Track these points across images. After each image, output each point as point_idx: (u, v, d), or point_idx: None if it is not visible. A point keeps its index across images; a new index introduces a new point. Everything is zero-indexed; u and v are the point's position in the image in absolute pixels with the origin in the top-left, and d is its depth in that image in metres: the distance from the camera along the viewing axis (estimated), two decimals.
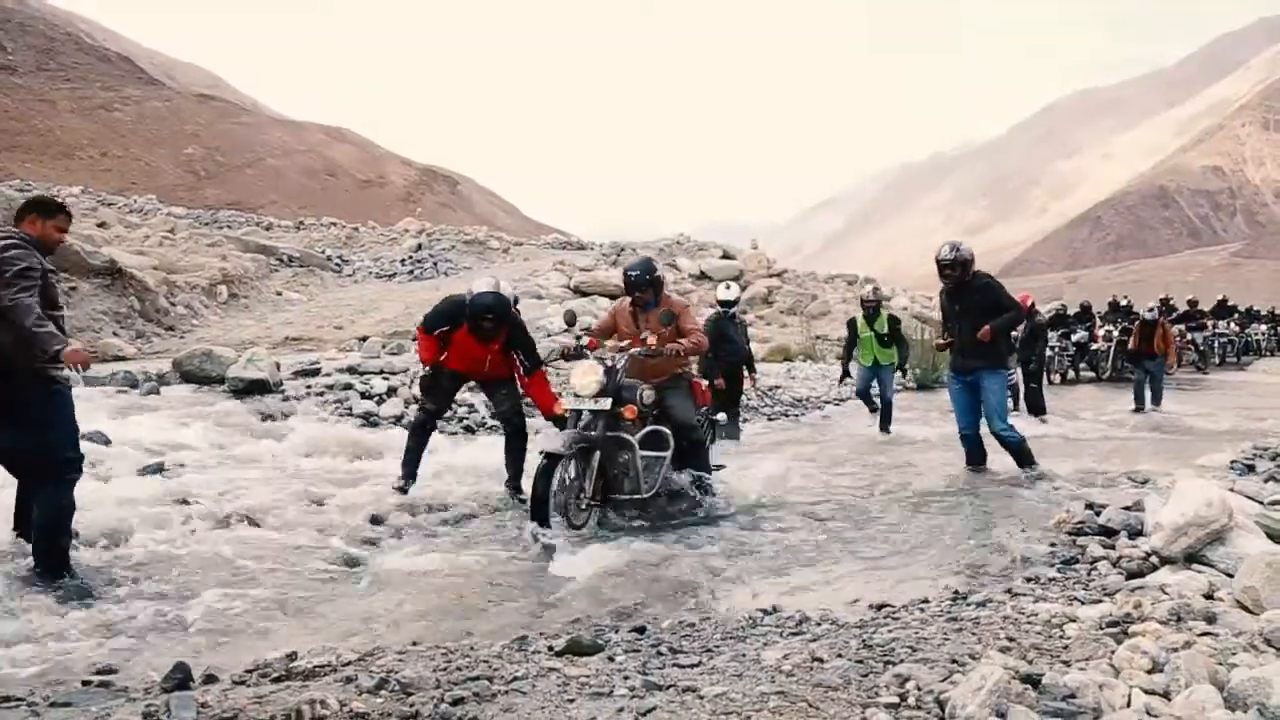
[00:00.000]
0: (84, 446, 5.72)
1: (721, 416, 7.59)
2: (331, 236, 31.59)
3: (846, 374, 11.60)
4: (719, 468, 6.84)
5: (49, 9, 76.90)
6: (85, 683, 3.15)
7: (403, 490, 6.33)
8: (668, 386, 6.27)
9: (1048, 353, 15.34)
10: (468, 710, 2.49)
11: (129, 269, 16.26)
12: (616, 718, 2.45)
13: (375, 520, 5.77)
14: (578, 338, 6.38)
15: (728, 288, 10.60)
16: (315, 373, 11.04)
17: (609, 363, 5.84)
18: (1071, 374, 18.81)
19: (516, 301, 7.03)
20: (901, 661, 2.88)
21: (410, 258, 28.17)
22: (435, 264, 27.46)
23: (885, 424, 10.92)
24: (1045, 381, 13.53)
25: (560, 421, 6.22)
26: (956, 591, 3.96)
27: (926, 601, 3.82)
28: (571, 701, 2.59)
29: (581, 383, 5.74)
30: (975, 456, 7.59)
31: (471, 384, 7.19)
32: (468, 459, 7.71)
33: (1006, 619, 3.35)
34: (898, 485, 7.18)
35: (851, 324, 11.31)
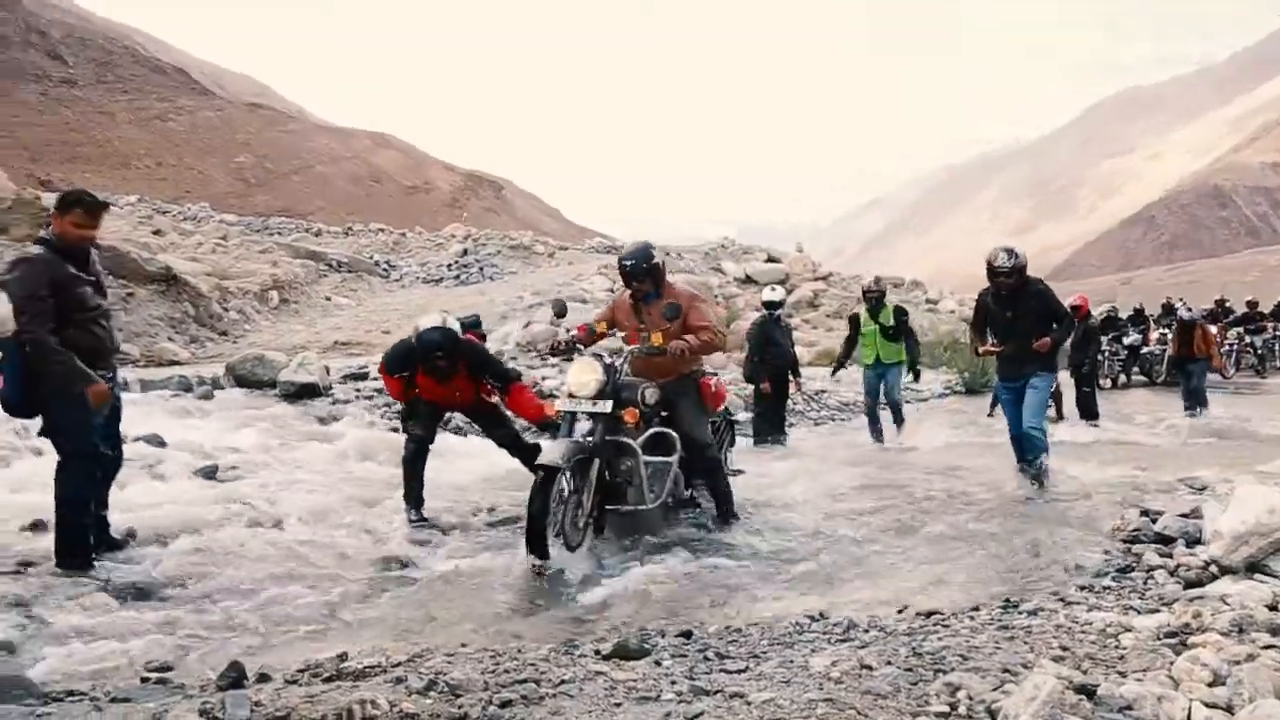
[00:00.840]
0: (141, 449, 5.91)
1: (741, 416, 7.14)
2: (379, 242, 31.97)
3: (841, 365, 10.66)
4: (737, 473, 6.41)
5: (108, 24, 78.91)
6: (144, 679, 3.22)
7: (421, 521, 5.88)
8: (674, 388, 5.62)
9: (1099, 356, 15.04)
10: (515, 713, 2.50)
11: (183, 275, 16.60)
12: None
13: (424, 523, 5.83)
14: (568, 330, 5.83)
15: (773, 290, 10.56)
16: (364, 377, 11.19)
17: (608, 359, 5.27)
18: (1124, 378, 18.42)
19: (478, 324, 6.56)
20: (952, 670, 2.84)
21: (456, 263, 28.41)
22: (481, 269, 27.67)
23: (896, 423, 10.16)
24: (1097, 385, 13.26)
25: (552, 426, 5.71)
26: (1007, 599, 3.90)
27: (977, 609, 3.76)
28: (618, 706, 2.60)
29: (579, 381, 5.16)
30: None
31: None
32: (515, 462, 7.76)
33: (1059, 628, 3.29)
34: (944, 490, 7.08)
35: (854, 319, 10.38)
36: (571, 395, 5.17)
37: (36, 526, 5.11)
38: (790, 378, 10.21)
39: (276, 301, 19.95)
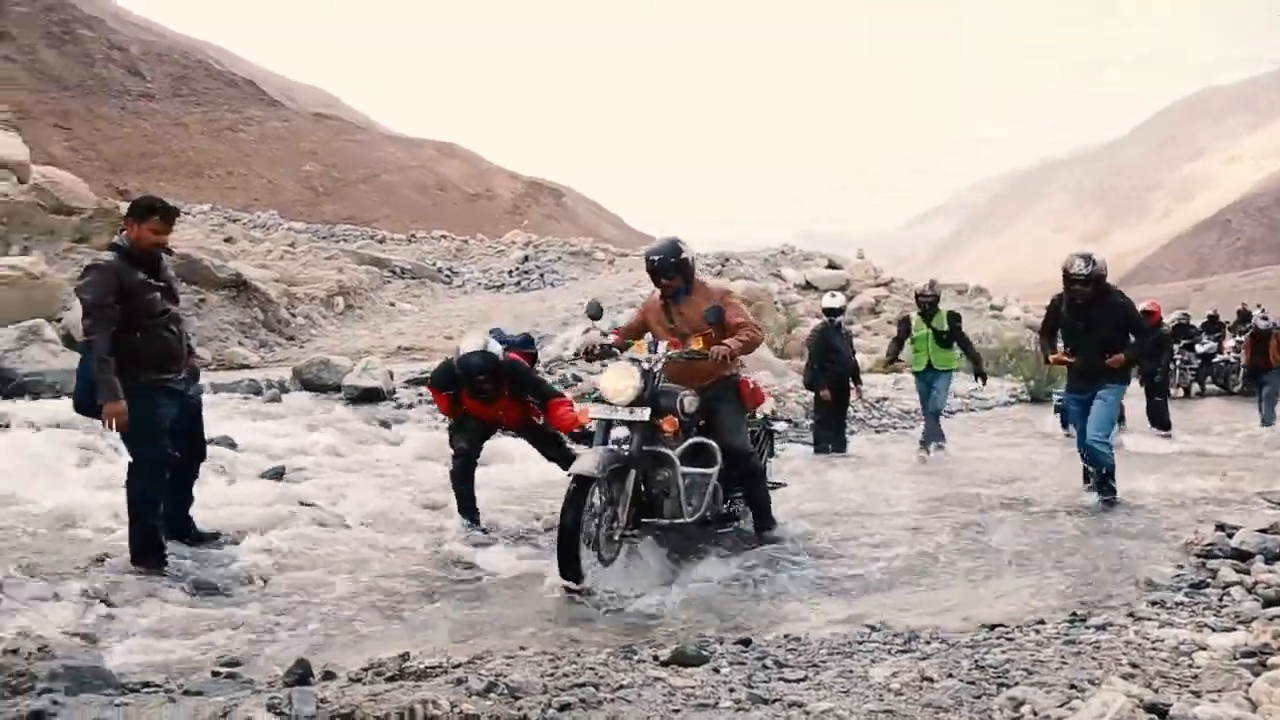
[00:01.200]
0: (213, 450, 6.07)
1: (780, 426, 6.64)
2: (442, 249, 32.44)
3: (892, 361, 10.34)
4: (777, 485, 6.05)
5: (184, 39, 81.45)
6: (214, 673, 3.31)
7: (479, 529, 5.86)
8: (713, 393, 5.28)
9: (1171, 365, 14.61)
10: (574, 716, 2.52)
11: (253, 282, 17.06)
12: None
13: (486, 526, 5.89)
14: (604, 333, 5.45)
15: (833, 297, 10.48)
16: (426, 381, 11.35)
17: (645, 365, 4.95)
18: (1197, 387, 17.87)
19: (528, 344, 6.37)
20: (1016, 684, 2.79)
21: (517, 269, 28.70)
22: (542, 275, 27.92)
23: (928, 439, 9.67)
24: (1169, 395, 12.88)
25: (585, 436, 5.41)
26: (1074, 613, 3.81)
27: (1042, 622, 3.69)
28: (677, 712, 2.60)
29: (615, 388, 4.87)
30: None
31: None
32: None
33: (1129, 644, 3.21)
34: (1006, 500, 6.94)
35: (904, 321, 10.05)
36: (607, 402, 4.92)
37: (114, 524, 5.29)
38: (851, 385, 10.11)
39: (342, 307, 20.37)
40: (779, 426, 6.42)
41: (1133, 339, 6.71)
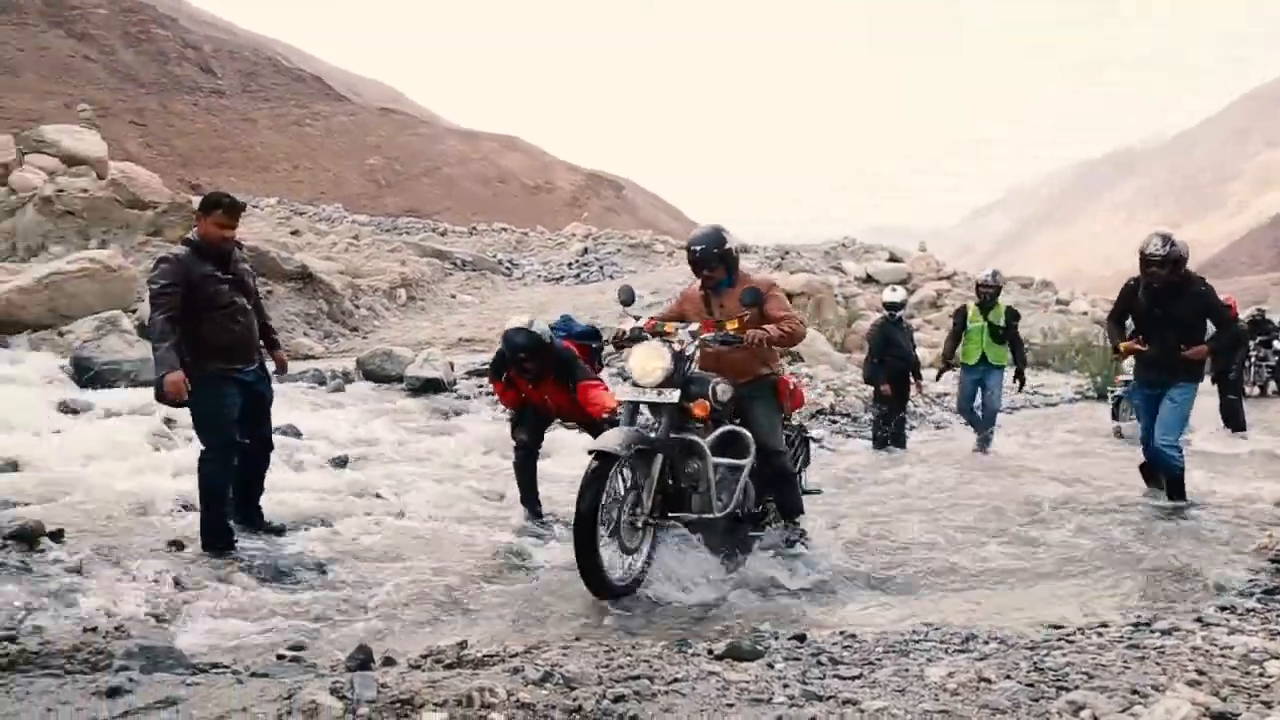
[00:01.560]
0: (278, 439, 6.22)
1: (818, 433, 6.14)
2: (502, 241, 32.73)
3: (948, 368, 10.02)
4: (813, 492, 5.72)
5: (254, 36, 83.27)
6: (279, 656, 3.41)
7: (540, 520, 5.92)
8: (749, 390, 4.99)
9: (1245, 362, 14.12)
10: (628, 708, 2.54)
11: (318, 274, 17.40)
12: None
13: (547, 518, 5.95)
14: (635, 318, 5.11)
15: (894, 290, 10.34)
16: (486, 373, 11.50)
17: (678, 346, 4.66)
18: (1274, 385, 17.25)
19: (590, 335, 6.24)
20: (1076, 688, 2.73)
21: (577, 261, 28.84)
22: (601, 267, 28.01)
23: (984, 438, 9.55)
24: (1243, 393, 12.47)
25: (612, 422, 5.09)
26: (1139, 616, 3.73)
27: (1105, 625, 3.61)
28: (730, 706, 2.60)
29: (643, 369, 4.58)
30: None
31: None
32: None
33: (1196, 650, 3.12)
34: (1069, 499, 6.79)
35: (960, 313, 9.73)
36: (634, 384, 4.61)
37: (185, 509, 5.47)
38: (911, 380, 10.00)
39: (404, 299, 20.68)
40: (816, 433, 6.10)
41: (1214, 331, 6.31)
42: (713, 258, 4.99)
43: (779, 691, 2.73)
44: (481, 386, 10.69)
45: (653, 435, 4.49)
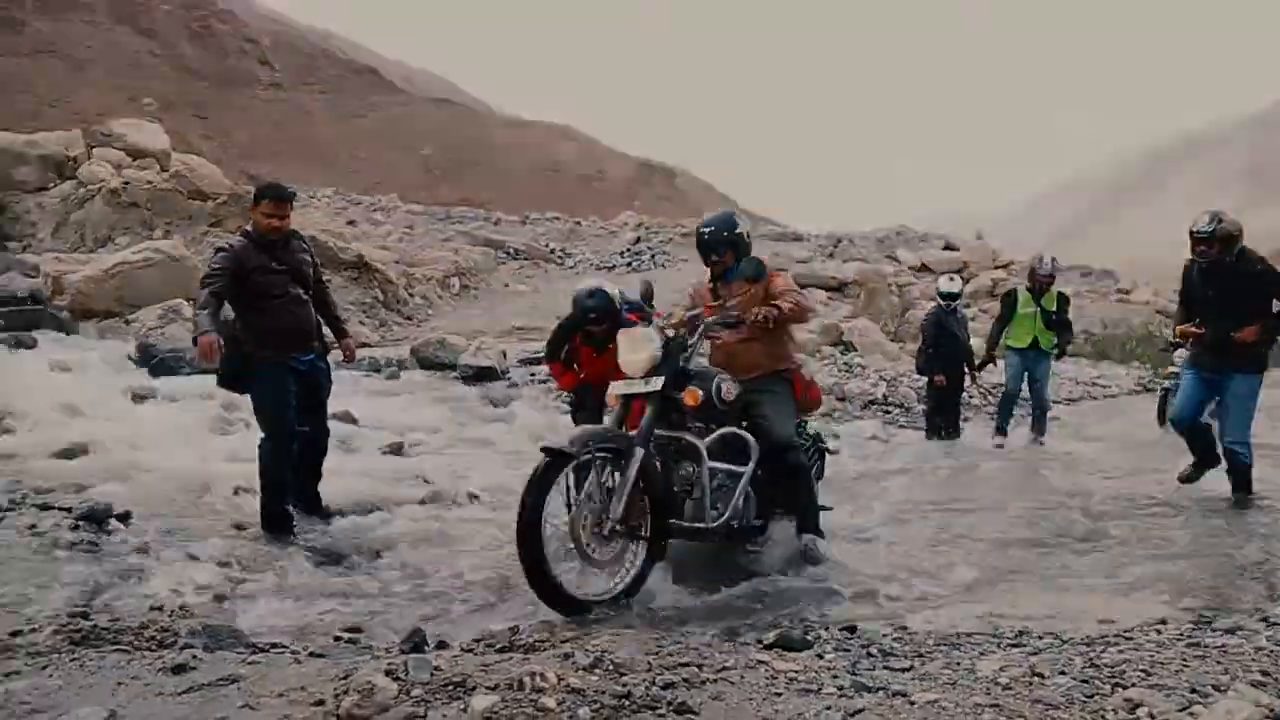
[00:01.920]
0: (335, 426, 6.34)
1: (833, 444, 5.48)
2: (554, 230, 32.84)
3: (991, 360, 9.48)
4: (823, 509, 4.96)
5: (310, 29, 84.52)
6: (336, 638, 3.49)
7: None
8: (760, 384, 4.51)
9: None
10: (677, 695, 2.55)
11: (374, 263, 17.66)
12: (824, 715, 2.44)
13: None
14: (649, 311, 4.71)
15: (950, 280, 10.22)
16: (539, 361, 11.58)
17: (671, 332, 4.26)
18: None
19: (642, 305, 5.66)
20: (1132, 685, 2.68)
21: (629, 250, 28.83)
22: (653, 256, 27.96)
23: (1038, 427, 9.34)
24: None
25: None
26: (1200, 614, 3.64)
27: (1164, 623, 3.53)
28: (779, 696, 2.60)
29: (629, 359, 4.17)
30: (1200, 451, 6.22)
31: None
32: None
33: (1260, 650, 3.04)
34: (1126, 494, 6.62)
35: (1010, 297, 9.30)
36: (628, 377, 4.21)
37: (246, 493, 5.61)
38: (966, 371, 9.87)
39: (458, 288, 20.89)
40: (833, 445, 5.54)
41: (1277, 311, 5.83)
42: (721, 242, 4.67)
43: (828, 682, 2.72)
44: (534, 375, 10.78)
45: (629, 432, 4.02)
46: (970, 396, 11.19)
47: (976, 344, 10.49)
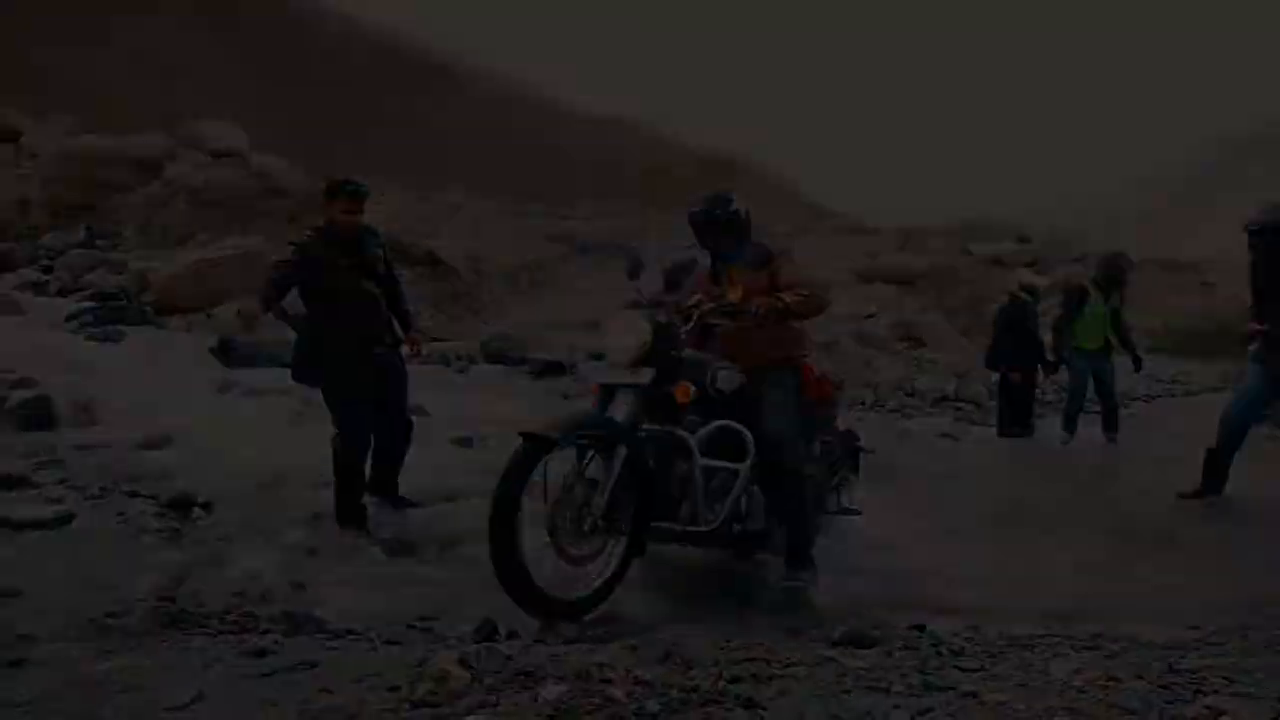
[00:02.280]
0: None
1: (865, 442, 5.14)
2: (621, 225, 32.96)
3: (1060, 362, 8.94)
4: (853, 513, 4.80)
5: (381, 27, 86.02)
6: (410, 626, 3.57)
7: None
8: (765, 375, 4.12)
9: None
10: (744, 689, 2.56)
11: (444, 258, 17.96)
12: (892, 714, 2.43)
13: None
14: (637, 290, 4.36)
15: (1022, 273, 10.00)
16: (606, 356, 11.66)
17: (661, 317, 3.94)
18: None
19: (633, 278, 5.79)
20: (1215, 693, 2.61)
21: (692, 244, 28.81)
22: None
23: (1110, 429, 8.88)
24: None
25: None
26: None
27: (1249, 629, 3.42)
28: (847, 693, 2.60)
29: (615, 346, 3.88)
30: (1216, 469, 5.98)
31: None
32: None
33: None
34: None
35: (1077, 293, 8.74)
36: (614, 365, 3.91)
37: (322, 485, 5.75)
38: (1039, 366, 9.65)
39: (526, 282, 21.12)
40: (861, 451, 5.04)
41: None
42: (716, 219, 4.31)
43: (897, 680, 2.70)
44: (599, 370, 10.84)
45: (617, 421, 3.73)
46: (1044, 393, 10.93)
47: (1049, 339, 10.21)
